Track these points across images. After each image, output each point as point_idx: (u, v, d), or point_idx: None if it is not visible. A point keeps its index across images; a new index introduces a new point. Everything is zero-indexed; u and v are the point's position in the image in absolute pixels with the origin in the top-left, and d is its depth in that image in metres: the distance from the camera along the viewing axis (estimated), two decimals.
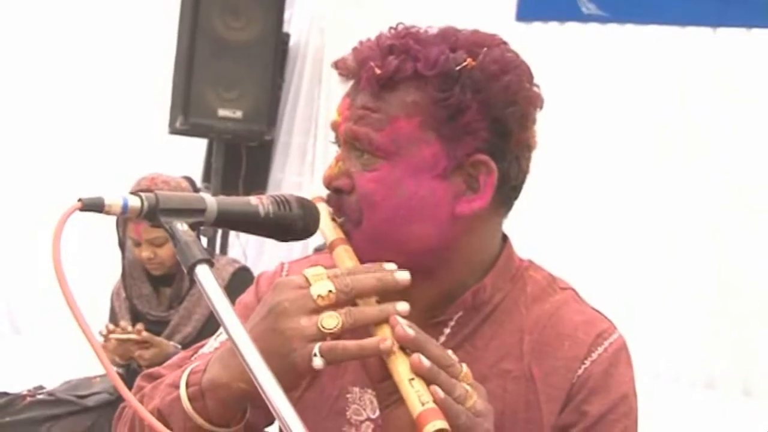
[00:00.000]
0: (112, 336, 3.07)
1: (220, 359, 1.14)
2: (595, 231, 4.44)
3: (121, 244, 3.30)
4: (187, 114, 4.60)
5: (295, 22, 5.15)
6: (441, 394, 1.05)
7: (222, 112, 4.64)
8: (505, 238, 1.33)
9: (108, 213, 1.05)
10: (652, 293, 4.26)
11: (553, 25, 4.59)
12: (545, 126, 1.29)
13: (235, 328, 1.00)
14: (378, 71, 1.19)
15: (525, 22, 4.59)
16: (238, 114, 4.67)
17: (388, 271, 1.13)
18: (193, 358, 1.32)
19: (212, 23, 4.60)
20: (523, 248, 1.37)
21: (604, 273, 4.25)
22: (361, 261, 1.22)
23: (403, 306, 1.11)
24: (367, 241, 1.21)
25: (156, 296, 3.36)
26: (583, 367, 1.24)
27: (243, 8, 4.68)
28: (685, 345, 4.26)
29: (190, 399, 1.13)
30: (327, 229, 1.22)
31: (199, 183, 4.33)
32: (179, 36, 4.69)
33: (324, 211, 1.22)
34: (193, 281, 3.50)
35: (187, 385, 1.14)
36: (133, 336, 3.05)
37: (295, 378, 1.08)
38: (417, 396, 1.05)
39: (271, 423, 1.36)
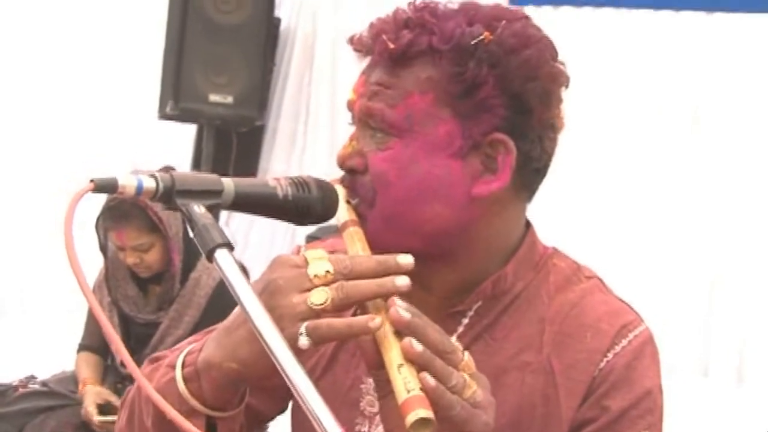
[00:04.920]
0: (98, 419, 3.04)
1: (215, 338, 1.09)
2: (587, 222, 4.43)
3: (102, 248, 3.19)
4: (178, 99, 4.54)
5: (285, 6, 5.10)
6: (431, 381, 0.99)
7: (213, 97, 4.57)
8: (528, 224, 1.28)
9: (122, 194, 1.01)
10: (648, 283, 4.24)
11: (547, 9, 4.53)
12: None
13: (258, 315, 0.96)
14: (391, 45, 1.15)
15: (518, 5, 4.53)
16: (229, 99, 4.60)
17: (392, 257, 1.07)
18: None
19: (203, 5, 4.54)
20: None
21: (599, 261, 4.22)
22: (376, 244, 1.18)
23: (402, 280, 1.04)
24: (381, 222, 1.17)
25: (143, 296, 3.24)
26: (605, 359, 1.19)
27: None
28: (681, 335, 4.26)
29: (185, 380, 1.09)
30: (340, 211, 1.17)
31: (189, 170, 4.27)
32: (169, 19, 4.62)
33: (340, 193, 1.18)
34: (183, 282, 3.40)
35: (183, 366, 1.10)
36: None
37: None
38: (403, 383, 0.98)
39: (282, 411, 1.33)
